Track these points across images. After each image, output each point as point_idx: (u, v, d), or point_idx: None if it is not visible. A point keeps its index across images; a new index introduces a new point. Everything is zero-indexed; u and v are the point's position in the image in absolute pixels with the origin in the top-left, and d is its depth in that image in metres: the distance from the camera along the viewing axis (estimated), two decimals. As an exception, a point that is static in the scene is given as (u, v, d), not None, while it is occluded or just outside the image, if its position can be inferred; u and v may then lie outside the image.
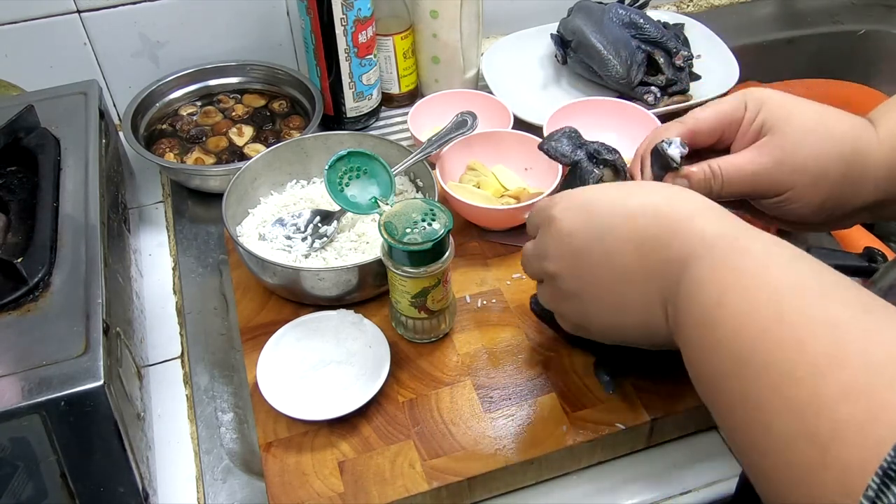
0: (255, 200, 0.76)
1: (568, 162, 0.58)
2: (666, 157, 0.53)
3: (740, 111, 0.54)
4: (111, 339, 0.55)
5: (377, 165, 0.70)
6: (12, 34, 0.87)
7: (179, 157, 0.86)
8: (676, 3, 1.19)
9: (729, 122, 0.55)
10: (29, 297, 0.56)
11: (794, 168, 0.52)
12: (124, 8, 0.90)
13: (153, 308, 0.74)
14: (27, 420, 0.49)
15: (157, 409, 0.66)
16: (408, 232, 0.57)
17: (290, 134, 0.89)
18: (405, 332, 0.65)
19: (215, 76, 0.94)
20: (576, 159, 0.57)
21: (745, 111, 0.54)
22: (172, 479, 0.61)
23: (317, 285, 0.65)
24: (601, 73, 0.91)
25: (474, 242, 0.75)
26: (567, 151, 0.58)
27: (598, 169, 0.57)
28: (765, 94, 0.54)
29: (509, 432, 0.58)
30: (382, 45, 0.92)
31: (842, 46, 1.15)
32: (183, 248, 0.80)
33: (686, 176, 0.54)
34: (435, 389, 0.62)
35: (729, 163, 0.53)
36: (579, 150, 0.58)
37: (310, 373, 0.61)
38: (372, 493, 0.55)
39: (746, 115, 0.54)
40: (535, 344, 0.65)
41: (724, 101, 0.55)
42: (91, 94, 0.77)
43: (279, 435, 0.59)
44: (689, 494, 0.58)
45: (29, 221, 0.63)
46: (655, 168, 0.55)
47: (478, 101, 0.88)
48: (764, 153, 0.53)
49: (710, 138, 0.56)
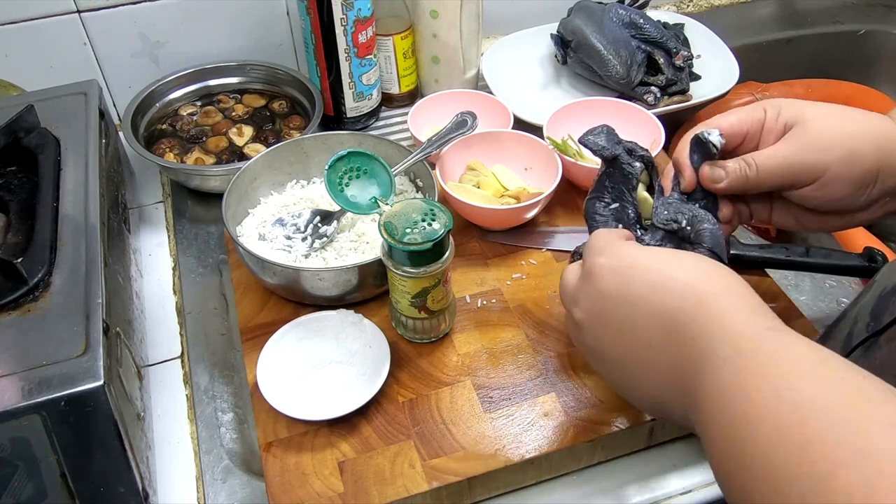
0: (255, 200, 0.76)
1: (609, 155, 0.58)
2: (707, 145, 0.56)
3: (760, 114, 0.56)
4: (111, 339, 0.55)
5: (377, 165, 0.70)
6: (12, 34, 0.87)
7: (179, 157, 0.86)
8: (676, 3, 1.19)
9: (751, 123, 0.56)
10: (29, 297, 0.56)
11: (825, 147, 0.53)
12: (124, 8, 0.90)
13: (153, 308, 0.74)
14: (27, 420, 0.49)
15: (157, 409, 0.66)
16: (408, 232, 0.57)
17: (290, 134, 0.89)
18: (405, 332, 0.65)
19: (215, 76, 0.94)
20: (616, 153, 0.58)
21: (766, 113, 0.56)
22: (172, 479, 0.61)
23: (317, 285, 0.65)
24: (601, 73, 0.91)
25: (474, 242, 0.75)
26: (608, 145, 0.59)
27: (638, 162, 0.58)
28: (781, 99, 0.57)
29: (509, 432, 0.58)
30: (382, 45, 0.92)
31: (842, 46, 1.16)
32: (183, 248, 0.81)
33: (722, 167, 0.56)
34: (435, 389, 0.62)
35: (762, 153, 0.55)
36: (617, 145, 0.59)
37: (310, 373, 0.61)
38: (372, 493, 0.55)
39: (768, 116, 0.56)
40: (535, 344, 0.65)
41: (743, 108, 0.57)
42: (91, 94, 0.77)
43: (279, 435, 0.59)
44: (689, 494, 0.58)
45: (29, 221, 0.63)
46: (695, 158, 0.57)
47: (478, 101, 0.88)
48: (793, 140, 0.54)
49: (734, 140, 0.57)
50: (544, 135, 0.80)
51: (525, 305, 0.68)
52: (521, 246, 0.74)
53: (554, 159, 0.76)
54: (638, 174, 0.58)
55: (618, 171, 0.58)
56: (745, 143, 0.57)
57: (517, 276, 0.71)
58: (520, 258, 0.73)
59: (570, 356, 0.63)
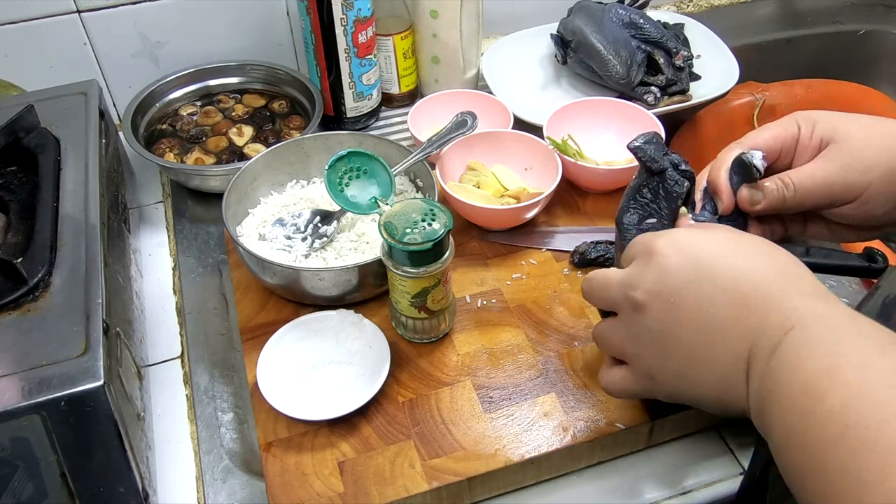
0: (255, 200, 0.76)
1: (657, 168, 0.57)
2: (750, 167, 0.54)
3: (794, 129, 0.55)
4: (111, 339, 0.55)
5: (377, 165, 0.70)
6: (12, 34, 0.87)
7: (179, 157, 0.86)
8: (676, 3, 1.19)
9: (785, 140, 0.55)
10: (29, 297, 0.56)
11: (865, 166, 0.52)
12: (124, 8, 0.90)
13: (153, 308, 0.74)
14: (27, 420, 0.49)
15: (157, 409, 0.66)
16: (408, 232, 0.57)
17: (290, 134, 0.89)
18: (405, 332, 0.65)
19: (215, 76, 0.94)
20: (665, 167, 0.57)
21: (800, 129, 0.54)
22: (172, 479, 0.61)
23: (317, 285, 0.65)
24: (601, 73, 0.91)
25: (474, 242, 0.75)
26: (658, 157, 0.57)
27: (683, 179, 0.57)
28: (813, 112, 0.55)
29: (509, 432, 0.58)
30: (382, 45, 0.92)
31: (842, 46, 1.16)
32: (183, 248, 0.80)
33: (760, 188, 0.54)
34: (435, 389, 0.62)
35: (800, 173, 0.54)
36: (664, 157, 0.57)
37: (310, 373, 0.61)
38: (372, 494, 0.55)
39: (802, 132, 0.54)
40: (535, 344, 0.65)
41: (777, 123, 0.56)
42: (91, 94, 0.77)
43: (279, 435, 0.59)
44: (689, 494, 0.58)
45: (29, 221, 0.63)
46: (735, 179, 0.55)
47: (478, 101, 0.88)
48: (831, 159, 0.53)
49: (770, 158, 0.55)
50: (544, 135, 0.80)
51: (525, 305, 0.68)
52: (521, 246, 0.74)
53: (554, 159, 0.76)
54: (684, 194, 0.56)
55: (661, 186, 0.57)
56: (779, 159, 0.56)
57: (517, 276, 0.71)
58: (520, 258, 0.73)
59: (570, 356, 0.63)
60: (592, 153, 0.82)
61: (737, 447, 0.61)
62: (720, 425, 0.62)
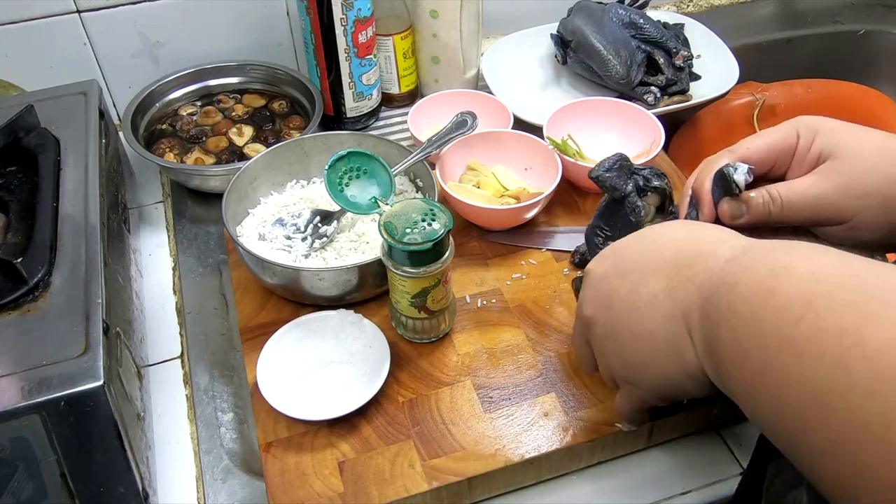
0: (255, 200, 0.76)
1: (618, 196, 0.58)
2: (730, 182, 0.51)
3: (792, 139, 0.52)
4: (111, 339, 0.55)
5: (377, 165, 0.70)
6: (12, 34, 0.87)
7: (179, 157, 0.86)
8: (676, 3, 1.19)
9: (781, 150, 0.53)
10: (29, 297, 0.56)
11: (862, 192, 0.49)
12: (124, 8, 0.90)
13: (153, 308, 0.74)
14: (27, 420, 0.49)
15: (157, 409, 0.66)
16: (408, 232, 0.57)
17: (290, 134, 0.89)
18: (405, 332, 0.65)
19: (215, 76, 0.94)
20: (626, 193, 0.57)
21: (799, 139, 0.52)
22: (172, 479, 0.61)
23: (317, 285, 0.65)
24: (601, 73, 0.91)
25: (474, 242, 0.75)
26: (619, 184, 0.57)
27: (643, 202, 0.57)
28: (818, 121, 0.52)
29: (509, 432, 0.58)
30: (382, 45, 0.92)
31: (842, 46, 1.16)
32: (183, 248, 0.81)
33: (744, 201, 0.52)
34: (435, 389, 0.62)
35: (790, 188, 0.51)
36: (629, 180, 0.58)
37: (310, 373, 0.61)
38: (372, 494, 0.55)
39: (801, 143, 0.52)
40: (535, 344, 0.65)
41: (776, 129, 0.53)
42: (91, 94, 0.77)
43: (279, 435, 0.59)
44: (689, 494, 0.58)
45: (29, 221, 0.63)
46: (716, 192, 0.54)
47: (478, 101, 0.88)
48: (827, 178, 0.50)
49: (762, 167, 0.53)
50: (544, 135, 0.80)
51: (525, 305, 0.68)
52: (521, 246, 0.74)
53: (554, 159, 0.76)
54: (642, 217, 0.57)
55: (623, 212, 0.58)
56: (773, 168, 0.54)
57: (517, 276, 0.71)
58: (520, 258, 0.73)
59: (570, 356, 0.63)
60: (592, 153, 0.82)
61: (736, 447, 0.61)
62: (720, 426, 0.62)
